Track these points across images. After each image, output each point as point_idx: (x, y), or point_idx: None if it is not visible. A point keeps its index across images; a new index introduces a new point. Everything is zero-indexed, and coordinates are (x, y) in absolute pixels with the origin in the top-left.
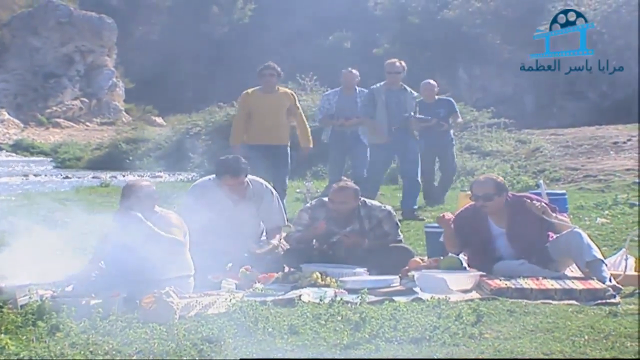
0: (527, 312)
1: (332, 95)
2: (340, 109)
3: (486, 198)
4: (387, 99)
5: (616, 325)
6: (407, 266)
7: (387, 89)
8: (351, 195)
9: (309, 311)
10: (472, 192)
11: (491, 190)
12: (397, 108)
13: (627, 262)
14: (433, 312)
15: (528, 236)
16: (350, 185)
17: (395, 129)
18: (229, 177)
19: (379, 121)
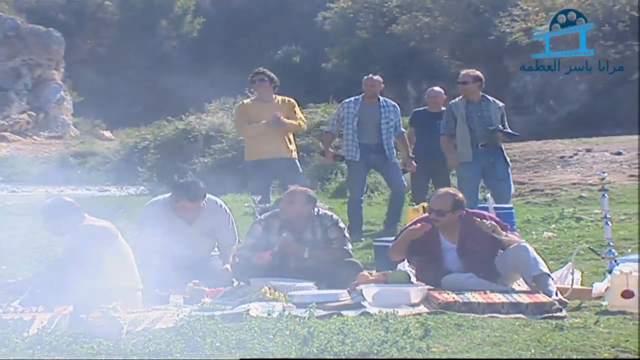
0: (474, 326)
1: (353, 104)
2: (363, 118)
3: (440, 214)
4: (467, 113)
5: (562, 338)
6: (355, 280)
7: (467, 102)
8: (301, 198)
9: (257, 326)
10: (429, 204)
11: (447, 206)
12: (481, 122)
13: (573, 276)
14: (381, 326)
15: (477, 252)
16: (303, 190)
17: (482, 145)
18: (187, 201)
19: (461, 139)
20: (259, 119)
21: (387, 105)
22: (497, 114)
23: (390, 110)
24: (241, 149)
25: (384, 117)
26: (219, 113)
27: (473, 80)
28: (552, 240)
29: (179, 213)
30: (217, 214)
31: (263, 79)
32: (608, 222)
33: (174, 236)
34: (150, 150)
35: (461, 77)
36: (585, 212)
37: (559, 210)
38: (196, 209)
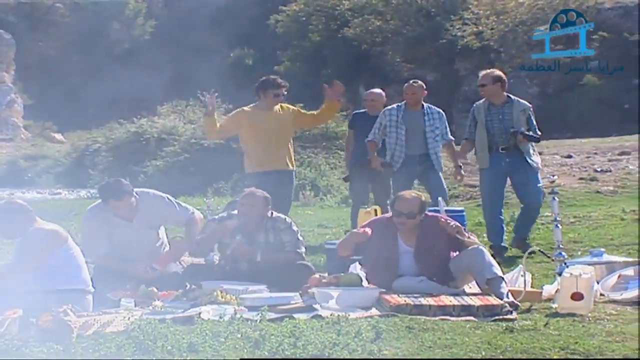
0: (425, 328)
1: (395, 111)
2: (407, 126)
3: (409, 216)
4: (487, 116)
5: (513, 341)
6: (307, 283)
7: (489, 104)
8: (260, 201)
9: (209, 329)
10: (394, 207)
11: (416, 209)
12: (501, 126)
13: (524, 279)
14: (333, 329)
15: (434, 256)
16: (260, 192)
17: (503, 148)
18: (114, 201)
19: (479, 143)
20: (260, 127)
21: (431, 112)
22: (521, 116)
23: (435, 118)
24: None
25: (428, 125)
26: (171, 116)
27: (492, 81)
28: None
29: (116, 213)
30: (154, 202)
31: (279, 95)
32: (558, 224)
33: (118, 236)
34: (101, 153)
35: (480, 79)
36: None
37: (509, 213)
38: (127, 206)
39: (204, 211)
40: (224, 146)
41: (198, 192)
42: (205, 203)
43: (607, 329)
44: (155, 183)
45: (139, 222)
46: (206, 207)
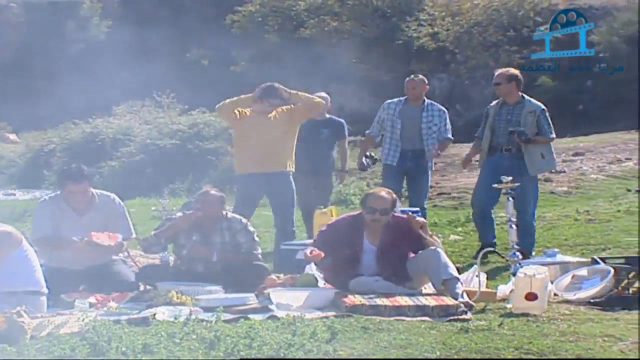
0: (381, 328)
1: (394, 105)
2: (403, 121)
3: (384, 212)
4: (496, 116)
5: (467, 341)
6: (263, 284)
7: (503, 103)
8: (216, 199)
9: (164, 330)
10: (366, 204)
11: (389, 205)
12: (507, 126)
13: (479, 279)
14: (288, 330)
15: (395, 256)
16: (216, 192)
17: (507, 150)
18: (71, 183)
19: (484, 142)
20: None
21: (432, 109)
22: (529, 117)
23: (435, 115)
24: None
25: (425, 121)
26: (126, 116)
27: (507, 80)
28: (458, 243)
29: (70, 203)
30: (110, 207)
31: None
32: (513, 225)
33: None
34: (56, 153)
35: (495, 77)
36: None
37: (465, 214)
38: (82, 192)
39: (160, 212)
40: (180, 147)
41: (154, 192)
42: (160, 204)
43: (561, 328)
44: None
45: (90, 219)
46: (162, 208)
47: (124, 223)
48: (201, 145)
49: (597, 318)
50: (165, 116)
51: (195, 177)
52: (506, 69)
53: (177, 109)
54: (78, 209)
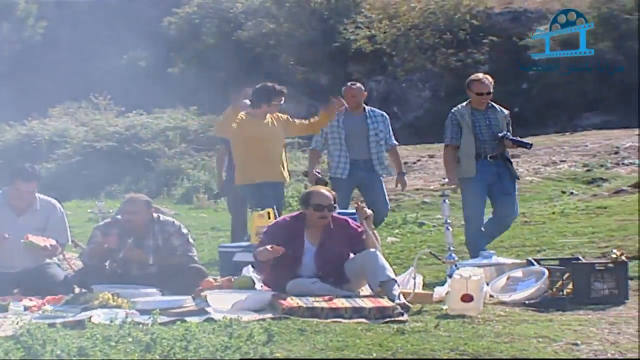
0: (317, 331)
1: (337, 115)
2: (348, 131)
3: (330, 208)
4: (474, 121)
5: (403, 342)
6: (200, 286)
7: (473, 109)
8: (142, 206)
9: (99, 333)
10: (311, 202)
11: (333, 201)
12: (489, 131)
13: (415, 281)
14: (225, 332)
15: (334, 257)
16: (140, 196)
17: (491, 157)
18: (21, 180)
19: (466, 151)
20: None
21: (374, 115)
22: (504, 122)
23: (379, 121)
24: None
25: (371, 128)
26: (63, 118)
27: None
28: (395, 245)
29: (11, 201)
30: (50, 211)
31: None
32: (449, 227)
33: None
34: None
35: (484, 85)
36: (428, 218)
37: (402, 216)
38: (29, 192)
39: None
40: (117, 148)
41: (90, 194)
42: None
43: (496, 330)
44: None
45: (27, 221)
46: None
47: (62, 231)
48: (138, 147)
49: (532, 319)
50: (102, 118)
51: (132, 179)
52: (483, 76)
53: (114, 111)
54: (18, 208)
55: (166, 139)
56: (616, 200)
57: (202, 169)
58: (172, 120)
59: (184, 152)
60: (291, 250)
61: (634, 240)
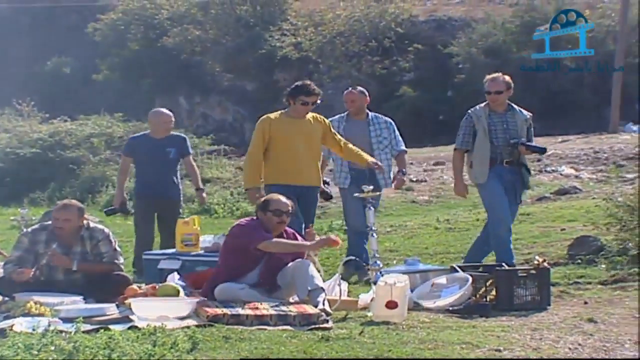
0: (242, 338)
1: (337, 122)
2: (349, 138)
3: (289, 214)
4: (490, 125)
5: (328, 349)
6: (124, 294)
7: (491, 111)
8: (75, 213)
9: (21, 341)
10: (270, 208)
11: (291, 208)
12: (506, 135)
13: (340, 288)
14: (149, 340)
15: (280, 265)
16: (75, 203)
17: (507, 162)
18: None
19: (480, 155)
20: (289, 135)
21: (378, 121)
22: (524, 126)
23: (382, 127)
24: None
25: (374, 135)
26: None
27: (507, 87)
28: (321, 252)
29: None
30: None
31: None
32: (374, 234)
33: None
34: None
35: (493, 84)
36: None
37: (328, 223)
38: None
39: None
40: (40, 155)
41: (13, 202)
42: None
43: (420, 336)
44: None
45: None
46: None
47: None
48: (63, 154)
49: (456, 325)
50: (25, 125)
51: (56, 186)
52: (498, 74)
53: (37, 118)
54: None
55: (91, 146)
56: (539, 207)
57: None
58: (97, 127)
59: (109, 158)
60: (257, 254)
61: (555, 246)
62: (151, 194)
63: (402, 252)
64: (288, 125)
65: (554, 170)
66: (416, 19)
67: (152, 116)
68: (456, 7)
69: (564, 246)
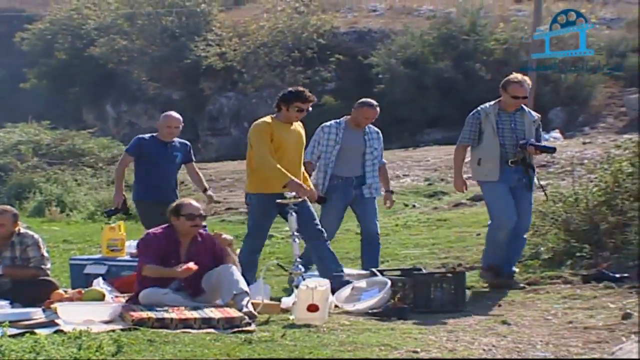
0: (167, 341)
1: (335, 129)
2: (345, 146)
3: (202, 217)
4: (498, 122)
5: (251, 352)
6: (50, 298)
7: (500, 110)
8: (10, 219)
9: None
10: (182, 212)
11: (203, 211)
12: (513, 135)
13: (263, 291)
14: (74, 344)
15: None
16: (10, 209)
17: (512, 162)
18: None
19: (490, 153)
20: (284, 140)
21: (370, 132)
22: (532, 127)
23: (374, 138)
24: None
25: (368, 146)
26: None
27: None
28: None
29: None
30: None
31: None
32: (296, 239)
33: None
34: None
35: (519, 89)
36: (277, 230)
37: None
38: None
39: None
40: None
41: None
42: None
43: (340, 339)
44: None
45: None
46: None
47: None
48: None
49: (375, 328)
50: None
51: None
52: (523, 78)
53: None
54: None
55: (18, 153)
56: (455, 213)
57: (54, 183)
58: (24, 135)
59: (36, 165)
60: (174, 261)
61: (471, 251)
62: (156, 199)
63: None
64: (283, 131)
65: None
66: (337, 31)
67: (164, 119)
68: (376, 19)
69: (479, 250)
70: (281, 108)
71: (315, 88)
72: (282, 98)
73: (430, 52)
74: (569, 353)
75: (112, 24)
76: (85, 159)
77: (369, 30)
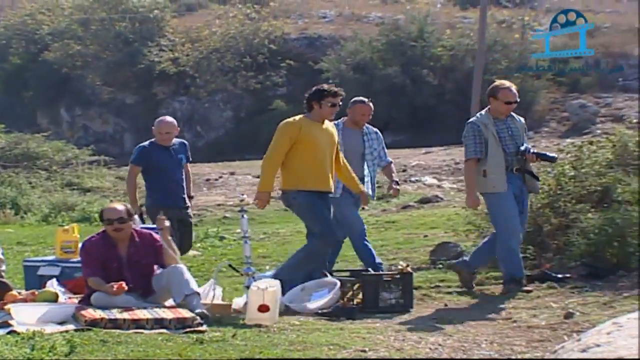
0: (119, 341)
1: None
2: (347, 147)
3: (121, 221)
4: (497, 132)
5: (202, 352)
6: (4, 299)
7: (495, 119)
8: None
9: None
10: (103, 217)
11: (124, 214)
12: (512, 142)
13: (214, 292)
14: (27, 345)
15: (142, 269)
16: None
17: (517, 169)
18: None
19: (496, 163)
20: (317, 140)
21: (369, 132)
22: (523, 132)
23: (373, 138)
24: None
25: (367, 146)
26: None
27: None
28: (197, 258)
29: None
30: None
31: (336, 105)
32: (247, 240)
33: None
34: None
35: (511, 94)
36: (228, 232)
37: (204, 230)
38: None
39: None
40: None
41: None
42: None
43: (290, 338)
44: None
45: None
46: None
47: None
48: None
49: (324, 328)
50: None
51: None
52: (510, 84)
53: None
54: None
55: None
56: (403, 215)
57: (9, 185)
58: None
59: None
60: (110, 263)
61: (419, 252)
62: (173, 205)
63: (275, 258)
64: (314, 130)
65: (417, 180)
66: (288, 37)
67: (158, 125)
68: (326, 25)
69: (426, 252)
70: (313, 106)
71: (267, 92)
72: (312, 96)
73: (379, 58)
74: (513, 352)
75: (66, 29)
76: (39, 162)
77: (319, 36)
